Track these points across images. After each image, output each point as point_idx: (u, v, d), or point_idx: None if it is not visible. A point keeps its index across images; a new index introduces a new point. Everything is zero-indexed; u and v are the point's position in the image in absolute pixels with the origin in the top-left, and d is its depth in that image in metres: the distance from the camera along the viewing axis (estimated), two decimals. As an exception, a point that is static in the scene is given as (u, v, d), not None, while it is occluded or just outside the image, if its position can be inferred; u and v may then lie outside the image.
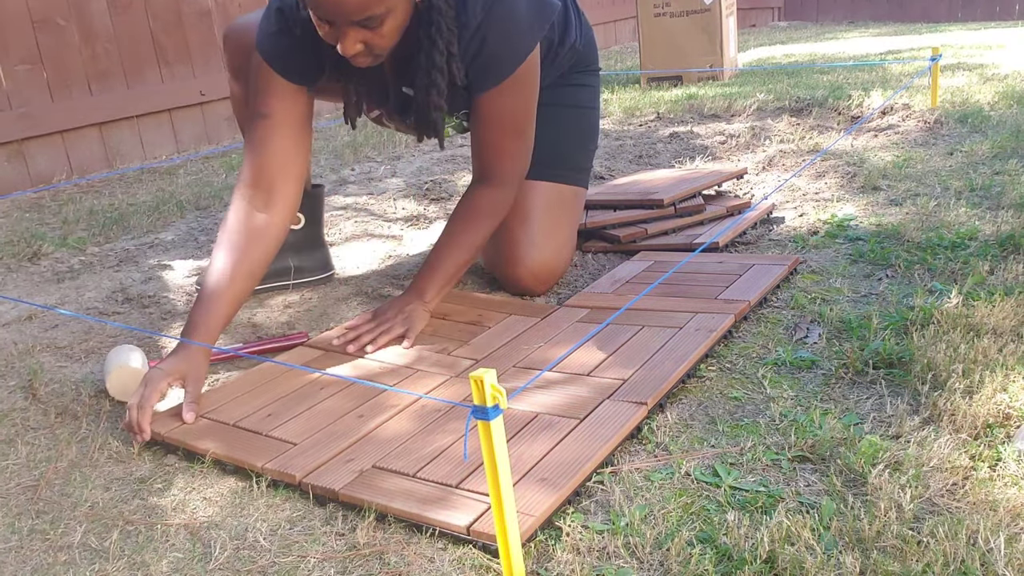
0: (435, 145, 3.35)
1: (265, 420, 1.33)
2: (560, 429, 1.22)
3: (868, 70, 4.15)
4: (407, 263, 2.09)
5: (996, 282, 1.63)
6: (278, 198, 1.54)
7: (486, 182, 1.66)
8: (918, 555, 0.94)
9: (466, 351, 1.53)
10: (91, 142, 3.31)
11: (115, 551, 1.08)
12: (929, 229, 1.95)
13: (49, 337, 1.77)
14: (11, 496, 1.23)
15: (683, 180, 2.25)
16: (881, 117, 3.17)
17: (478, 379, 0.88)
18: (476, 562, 1.01)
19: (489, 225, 1.67)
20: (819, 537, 0.99)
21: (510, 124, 1.62)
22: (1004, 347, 1.36)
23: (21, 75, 3.06)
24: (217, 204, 2.73)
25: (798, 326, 1.56)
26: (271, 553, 1.06)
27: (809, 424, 1.22)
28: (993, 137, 2.71)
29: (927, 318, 1.49)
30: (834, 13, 7.67)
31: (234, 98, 1.88)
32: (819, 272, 1.80)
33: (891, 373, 1.36)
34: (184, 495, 1.20)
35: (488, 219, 1.66)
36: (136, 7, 3.39)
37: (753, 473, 1.14)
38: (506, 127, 1.62)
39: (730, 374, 1.41)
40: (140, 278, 2.11)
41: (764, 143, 2.98)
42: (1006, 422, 1.18)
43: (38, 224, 2.62)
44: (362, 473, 1.16)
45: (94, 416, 1.44)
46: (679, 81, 4.37)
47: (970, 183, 2.27)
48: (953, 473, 1.09)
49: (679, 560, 0.97)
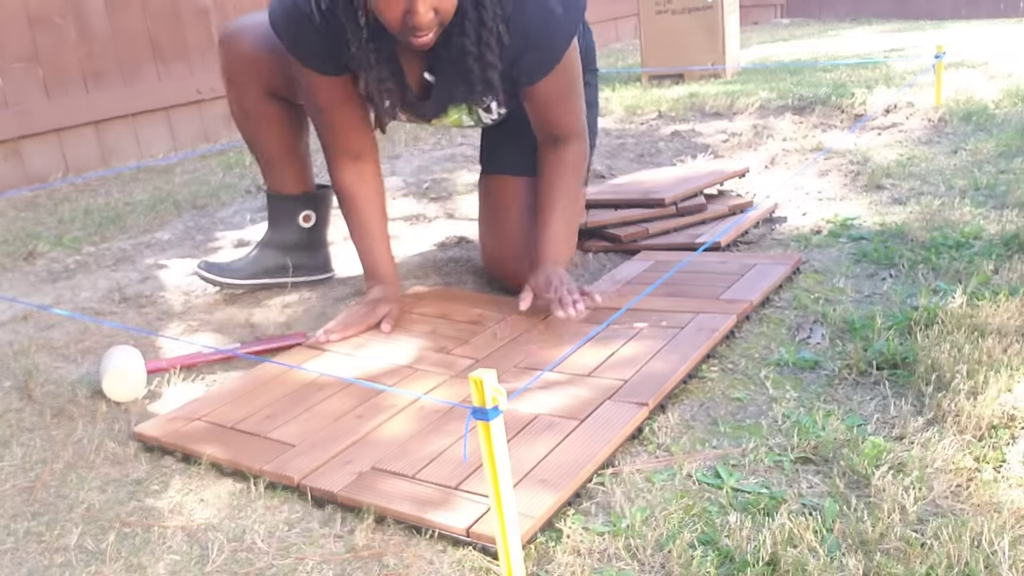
0: (434, 145, 3.34)
1: (263, 422, 1.32)
2: (560, 430, 1.21)
3: (871, 68, 4.14)
4: (407, 263, 2.08)
5: (1001, 282, 1.62)
6: (366, 155, 1.71)
7: (563, 141, 1.69)
8: (922, 557, 0.93)
9: (466, 351, 1.52)
10: (87, 140, 3.29)
11: (112, 553, 1.07)
12: (933, 228, 1.94)
13: (45, 337, 1.76)
14: (6, 498, 1.22)
15: (684, 180, 2.24)
16: (884, 115, 3.16)
17: (478, 380, 0.87)
18: (476, 564, 1.00)
19: (580, 175, 1.72)
20: (822, 539, 0.98)
21: (566, 92, 1.65)
22: (1009, 347, 1.35)
23: (17, 73, 3.05)
24: (214, 203, 2.72)
25: (801, 326, 1.55)
26: (269, 555, 1.05)
27: (812, 425, 1.21)
28: (998, 135, 2.69)
29: (931, 318, 1.48)
30: (837, 10, 7.65)
31: (229, 103, 1.89)
32: (822, 272, 1.79)
33: (895, 374, 1.34)
34: (181, 497, 1.19)
35: (578, 171, 1.71)
36: (133, 5, 3.38)
37: (755, 474, 1.13)
38: (564, 96, 1.65)
39: (732, 375, 1.40)
40: (136, 278, 2.10)
41: (766, 141, 2.97)
42: (1011, 423, 1.17)
43: (33, 223, 2.61)
44: (361, 475, 1.15)
45: (90, 417, 1.43)
46: (681, 79, 4.35)
47: (975, 182, 2.26)
48: (957, 475, 1.07)
49: (680, 562, 0.96)
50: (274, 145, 1.88)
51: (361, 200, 1.72)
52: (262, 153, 1.91)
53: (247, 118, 1.87)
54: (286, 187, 1.92)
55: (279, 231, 1.95)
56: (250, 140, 1.91)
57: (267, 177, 1.95)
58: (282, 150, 1.89)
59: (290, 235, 1.94)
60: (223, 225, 2.51)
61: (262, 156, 1.92)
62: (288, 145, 1.89)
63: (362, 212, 1.72)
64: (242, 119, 1.88)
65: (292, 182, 1.92)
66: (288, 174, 1.91)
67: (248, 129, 1.89)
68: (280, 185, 1.92)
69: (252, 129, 1.88)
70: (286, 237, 1.94)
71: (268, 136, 1.87)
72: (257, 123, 1.86)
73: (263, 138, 1.88)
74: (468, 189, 2.70)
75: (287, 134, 1.88)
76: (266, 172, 1.95)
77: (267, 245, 1.95)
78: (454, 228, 2.32)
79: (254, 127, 1.87)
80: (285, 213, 1.94)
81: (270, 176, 1.94)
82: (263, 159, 1.93)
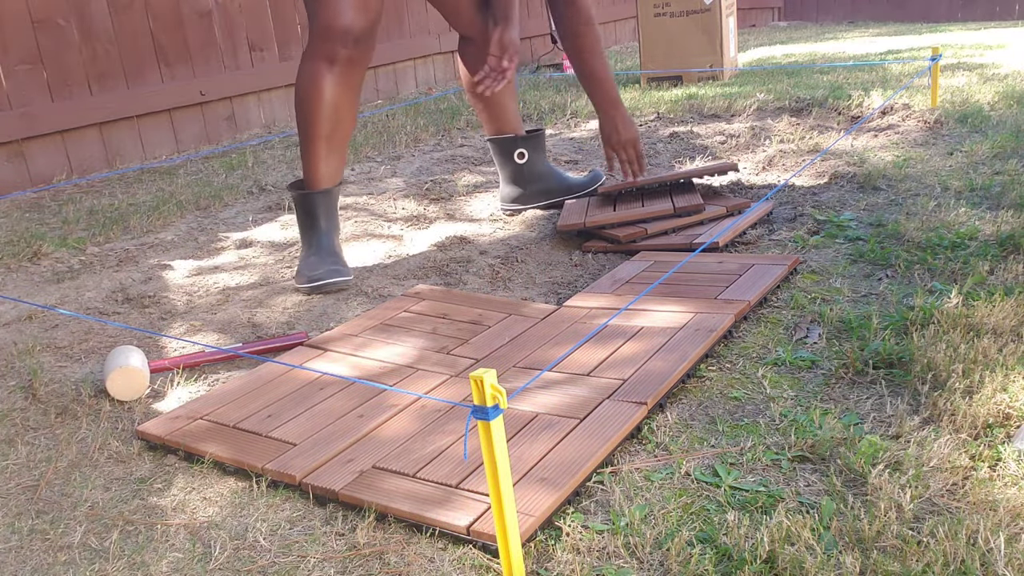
0: (435, 146, 3.35)
1: (265, 421, 1.33)
2: (560, 429, 1.22)
3: (868, 70, 4.15)
4: (407, 263, 2.09)
5: (996, 282, 1.63)
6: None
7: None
8: (918, 555, 0.94)
9: (466, 350, 1.53)
10: (91, 142, 3.30)
11: (115, 551, 1.08)
12: (929, 229, 1.95)
13: (49, 337, 1.77)
14: (11, 496, 1.23)
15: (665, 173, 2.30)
16: (881, 117, 3.17)
17: (478, 379, 0.88)
18: (476, 562, 1.01)
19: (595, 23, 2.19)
20: (819, 537, 0.99)
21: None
22: (1004, 347, 1.36)
23: (21, 75, 3.06)
24: (217, 204, 2.73)
25: (798, 326, 1.56)
26: (271, 553, 1.06)
27: (809, 424, 1.22)
28: (993, 137, 2.71)
29: (927, 318, 1.49)
30: (834, 13, 7.67)
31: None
32: (819, 272, 1.80)
33: (891, 373, 1.35)
34: (184, 495, 1.20)
35: (594, 20, 2.18)
36: (136, 7, 3.39)
37: (753, 473, 1.14)
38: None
39: (730, 374, 1.41)
40: (140, 278, 2.11)
41: (764, 143, 2.98)
42: (1006, 422, 1.18)
43: (38, 224, 2.62)
44: (362, 473, 1.16)
45: (94, 416, 1.44)
46: (679, 81, 4.37)
47: (970, 183, 2.27)
48: (953, 473, 1.08)
49: (679, 560, 0.97)
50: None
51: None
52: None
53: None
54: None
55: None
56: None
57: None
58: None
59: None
60: (226, 226, 2.52)
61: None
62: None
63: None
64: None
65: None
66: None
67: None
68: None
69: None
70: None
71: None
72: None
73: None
74: (468, 190, 2.71)
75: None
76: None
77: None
78: (454, 229, 2.33)
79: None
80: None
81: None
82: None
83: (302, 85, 1.90)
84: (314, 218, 1.97)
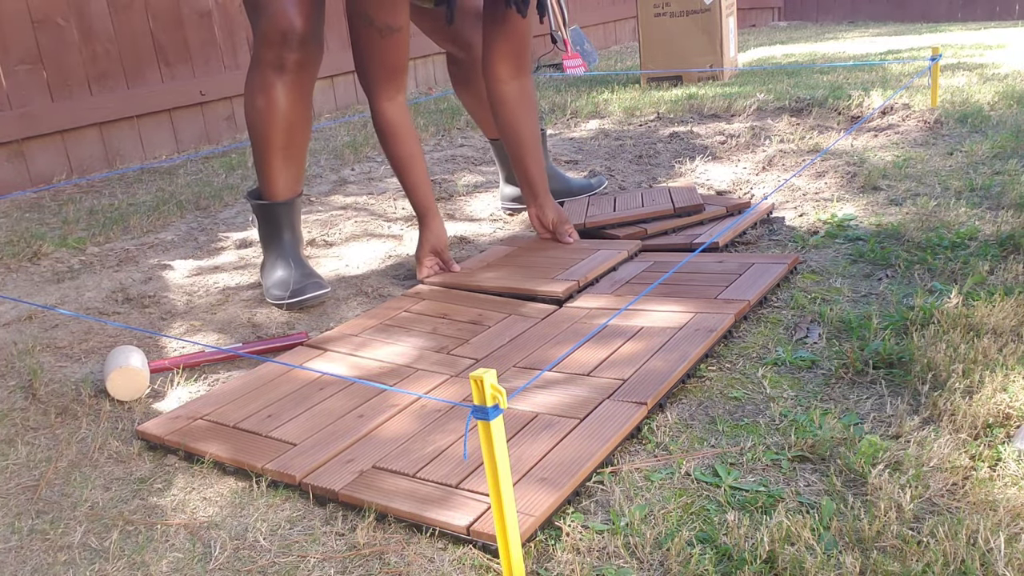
0: (435, 146, 3.35)
1: (265, 421, 1.33)
2: (560, 429, 1.22)
3: (868, 70, 4.15)
4: (407, 263, 2.09)
5: (996, 282, 1.63)
6: (403, 86, 1.89)
7: (521, 73, 1.99)
8: (918, 555, 0.94)
9: (466, 350, 1.53)
10: (91, 142, 3.30)
11: (115, 551, 1.08)
12: (929, 229, 1.95)
13: (49, 337, 1.77)
14: (11, 496, 1.23)
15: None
16: (881, 117, 3.17)
17: (478, 379, 0.88)
18: (476, 562, 1.01)
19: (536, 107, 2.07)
20: (819, 537, 0.99)
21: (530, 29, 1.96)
22: (1004, 347, 1.36)
23: (21, 75, 3.06)
24: (217, 204, 2.73)
25: (798, 326, 1.56)
26: (271, 553, 1.06)
27: (809, 424, 1.22)
28: (993, 137, 2.71)
29: (927, 318, 1.49)
30: (834, 13, 7.66)
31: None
32: (819, 272, 1.80)
33: (891, 373, 1.36)
34: (184, 495, 1.20)
35: (535, 106, 2.05)
36: (136, 7, 3.39)
37: (753, 473, 1.14)
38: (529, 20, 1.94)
39: (730, 374, 1.41)
40: (140, 278, 2.11)
41: (764, 143, 2.98)
42: (1006, 422, 1.18)
43: (38, 224, 2.62)
44: (362, 473, 1.16)
45: (94, 416, 1.44)
46: (679, 81, 4.37)
47: (970, 183, 2.27)
48: (953, 473, 1.08)
49: (679, 560, 0.97)
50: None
51: (411, 142, 1.90)
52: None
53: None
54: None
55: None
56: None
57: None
58: None
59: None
60: (225, 226, 2.52)
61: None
62: None
63: (415, 155, 1.91)
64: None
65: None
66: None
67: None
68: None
69: None
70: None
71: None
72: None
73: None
74: (468, 190, 2.71)
75: None
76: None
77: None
78: (454, 228, 2.33)
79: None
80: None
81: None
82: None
83: (252, 97, 1.81)
84: (278, 228, 1.90)
